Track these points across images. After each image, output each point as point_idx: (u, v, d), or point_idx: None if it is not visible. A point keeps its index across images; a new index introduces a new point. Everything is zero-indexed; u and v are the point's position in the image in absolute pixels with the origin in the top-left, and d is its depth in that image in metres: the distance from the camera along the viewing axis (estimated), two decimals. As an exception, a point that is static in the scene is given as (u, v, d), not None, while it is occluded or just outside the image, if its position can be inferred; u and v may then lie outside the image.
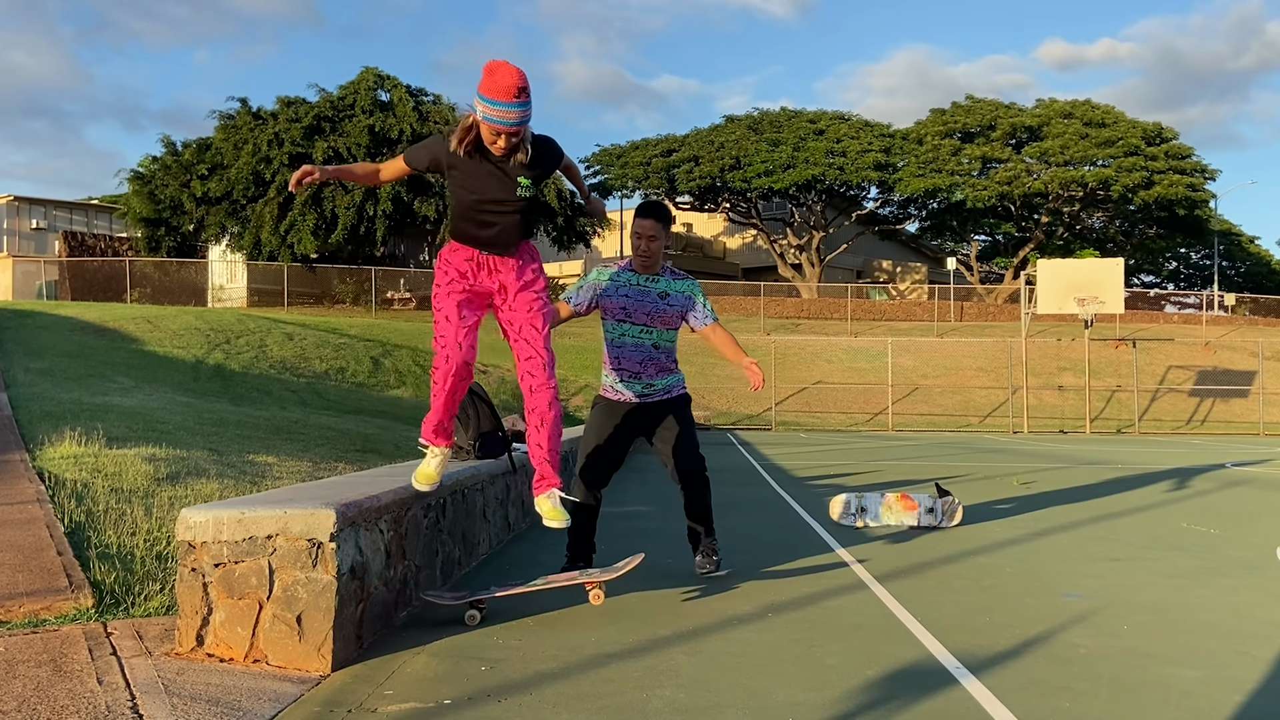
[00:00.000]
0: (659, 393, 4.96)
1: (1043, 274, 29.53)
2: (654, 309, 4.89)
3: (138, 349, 22.67)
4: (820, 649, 3.64)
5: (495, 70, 3.70)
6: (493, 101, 3.68)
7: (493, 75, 3.69)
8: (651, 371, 4.93)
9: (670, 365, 4.99)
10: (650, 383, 4.95)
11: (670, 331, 4.98)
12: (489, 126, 3.74)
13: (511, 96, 3.67)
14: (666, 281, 4.95)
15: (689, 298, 4.96)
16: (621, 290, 4.90)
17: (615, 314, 4.91)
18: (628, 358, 4.91)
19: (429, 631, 3.83)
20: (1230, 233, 58.77)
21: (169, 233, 39.49)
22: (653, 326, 4.90)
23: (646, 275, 4.93)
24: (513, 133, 3.75)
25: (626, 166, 51.52)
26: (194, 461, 8.39)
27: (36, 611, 3.77)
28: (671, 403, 4.97)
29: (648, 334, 4.90)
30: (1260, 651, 3.65)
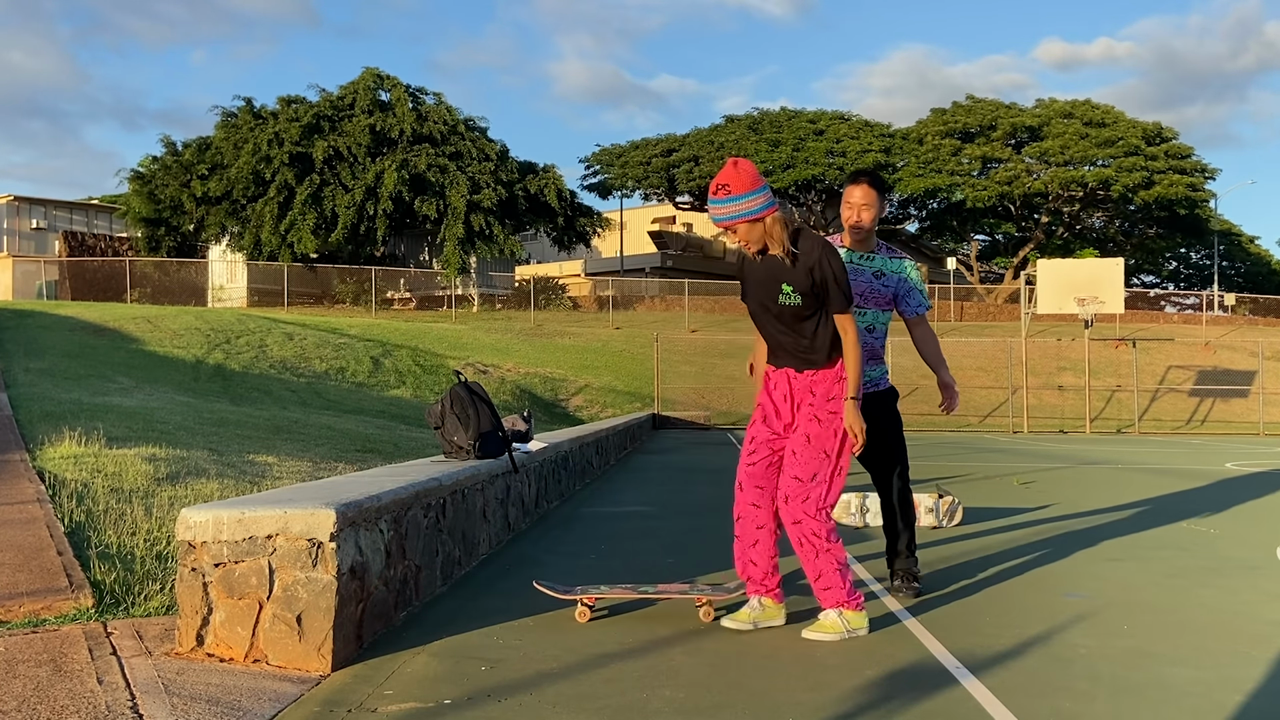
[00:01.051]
0: (868, 384, 4.61)
1: (1043, 274, 29.53)
2: (868, 288, 4.58)
3: (138, 349, 22.68)
4: (820, 649, 3.64)
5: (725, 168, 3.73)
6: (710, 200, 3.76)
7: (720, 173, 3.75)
8: (864, 356, 4.51)
9: (880, 351, 4.71)
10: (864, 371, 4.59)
11: (884, 314, 4.67)
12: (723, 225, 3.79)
13: (711, 193, 3.75)
14: (882, 259, 4.65)
15: (903, 279, 4.67)
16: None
17: None
18: None
19: (429, 631, 3.84)
20: (1230, 233, 58.78)
21: (169, 233, 39.51)
22: (865, 308, 4.58)
23: (860, 252, 4.64)
24: (725, 227, 3.76)
25: (626, 166, 51.53)
26: (194, 461, 8.39)
27: (36, 611, 3.77)
28: (879, 396, 4.66)
29: (861, 316, 4.54)
30: (1260, 651, 3.65)
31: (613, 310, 39.67)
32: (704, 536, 6.45)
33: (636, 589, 4.25)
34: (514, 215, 39.64)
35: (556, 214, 40.41)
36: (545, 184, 39.68)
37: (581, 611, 4.04)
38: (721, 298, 44.87)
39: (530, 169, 40.84)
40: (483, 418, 5.43)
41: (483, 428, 5.41)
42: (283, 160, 36.76)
